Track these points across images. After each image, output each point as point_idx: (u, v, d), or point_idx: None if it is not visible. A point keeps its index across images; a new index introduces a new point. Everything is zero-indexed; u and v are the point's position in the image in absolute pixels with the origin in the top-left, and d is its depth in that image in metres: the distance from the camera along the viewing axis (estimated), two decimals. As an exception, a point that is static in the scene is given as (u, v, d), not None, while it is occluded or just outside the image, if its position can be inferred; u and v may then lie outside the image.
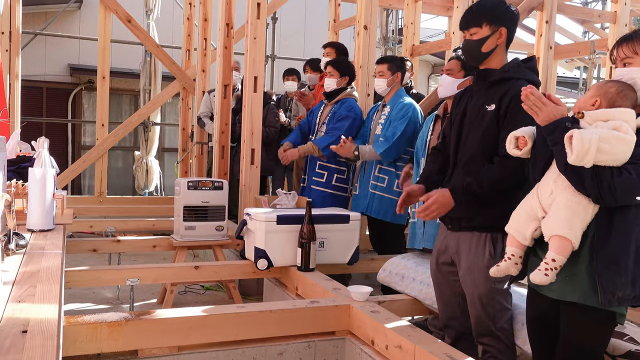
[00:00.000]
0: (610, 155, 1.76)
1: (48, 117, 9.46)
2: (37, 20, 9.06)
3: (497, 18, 2.42)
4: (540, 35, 5.80)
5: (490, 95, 2.43)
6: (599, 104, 1.93)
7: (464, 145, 2.50)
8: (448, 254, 2.61)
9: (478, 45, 2.44)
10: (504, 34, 2.44)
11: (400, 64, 4.03)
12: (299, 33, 10.69)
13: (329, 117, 4.29)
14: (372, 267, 3.85)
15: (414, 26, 6.85)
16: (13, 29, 5.72)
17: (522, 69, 2.46)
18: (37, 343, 1.29)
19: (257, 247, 3.38)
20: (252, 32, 4.37)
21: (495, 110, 2.38)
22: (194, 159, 6.86)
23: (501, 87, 2.41)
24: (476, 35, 2.44)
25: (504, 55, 2.49)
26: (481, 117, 2.43)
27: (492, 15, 2.42)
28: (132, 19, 6.94)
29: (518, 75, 2.42)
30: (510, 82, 2.40)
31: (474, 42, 2.45)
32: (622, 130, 1.80)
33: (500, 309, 2.48)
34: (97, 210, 6.21)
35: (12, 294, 1.66)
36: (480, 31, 2.43)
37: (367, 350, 2.53)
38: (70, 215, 3.23)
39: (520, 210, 2.03)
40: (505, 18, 2.44)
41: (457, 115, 2.59)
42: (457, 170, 2.52)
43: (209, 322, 2.49)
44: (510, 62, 2.48)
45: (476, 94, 2.52)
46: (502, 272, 2.06)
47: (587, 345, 1.94)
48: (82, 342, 2.28)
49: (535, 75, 2.48)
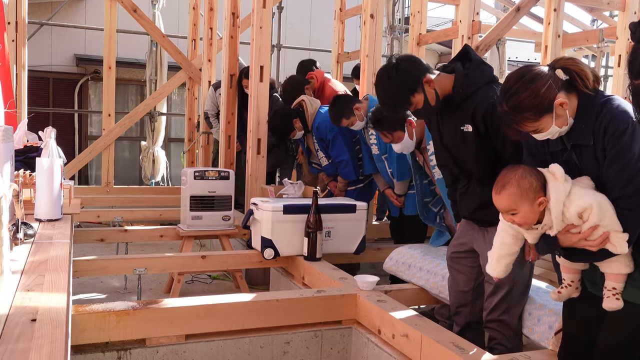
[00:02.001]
0: (618, 223, 1.71)
1: (55, 108, 9.48)
2: (43, 10, 9.06)
3: (413, 87, 2.38)
4: (548, 23, 5.75)
5: (459, 116, 2.39)
6: (544, 205, 1.79)
7: (465, 164, 2.48)
8: (470, 245, 2.61)
9: (430, 109, 2.43)
10: (428, 79, 2.38)
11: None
12: (305, 22, 10.64)
13: (317, 144, 4.36)
14: (379, 256, 3.85)
15: (421, 15, 6.79)
16: (19, 19, 5.71)
17: (470, 75, 2.39)
18: (46, 332, 1.30)
19: (264, 236, 3.38)
20: (258, 21, 4.35)
21: (474, 131, 2.35)
22: (200, 148, 6.87)
23: (466, 105, 2.36)
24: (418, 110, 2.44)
25: (444, 79, 2.42)
26: (463, 140, 2.40)
27: (409, 91, 2.38)
28: (137, 9, 6.92)
29: (472, 86, 2.36)
30: (471, 97, 2.36)
31: (422, 110, 2.45)
32: (589, 207, 1.70)
33: (517, 299, 2.48)
34: (104, 200, 6.23)
35: (21, 283, 1.67)
36: (417, 102, 2.40)
37: (373, 340, 2.54)
38: (77, 205, 3.24)
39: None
40: (417, 79, 2.38)
41: (435, 139, 2.60)
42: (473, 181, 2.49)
43: (216, 311, 2.50)
44: (457, 77, 2.40)
45: (445, 117, 2.49)
46: (564, 297, 1.97)
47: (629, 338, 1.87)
48: (91, 331, 2.30)
49: (483, 68, 2.42)
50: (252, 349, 2.56)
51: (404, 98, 2.39)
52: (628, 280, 1.79)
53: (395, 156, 3.78)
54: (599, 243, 1.71)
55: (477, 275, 2.62)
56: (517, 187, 1.80)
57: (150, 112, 7.54)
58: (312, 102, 4.42)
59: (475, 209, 2.50)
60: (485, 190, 2.40)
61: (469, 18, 5.15)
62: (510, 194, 1.82)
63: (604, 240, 1.71)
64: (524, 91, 1.76)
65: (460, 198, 2.60)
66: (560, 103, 1.76)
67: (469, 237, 2.61)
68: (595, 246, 1.72)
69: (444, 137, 2.51)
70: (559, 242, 1.79)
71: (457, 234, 2.71)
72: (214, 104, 6.01)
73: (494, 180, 2.22)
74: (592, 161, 1.78)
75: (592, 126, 1.76)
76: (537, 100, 1.76)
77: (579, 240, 1.74)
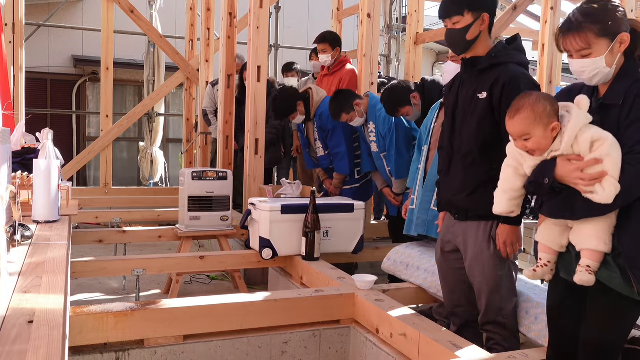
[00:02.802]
0: (618, 170, 1.70)
1: (52, 109, 9.47)
2: (41, 11, 9.05)
3: (478, 4, 2.39)
4: (545, 22, 5.75)
5: (481, 83, 2.41)
6: (557, 131, 1.79)
7: (460, 135, 2.48)
8: (454, 242, 2.60)
9: (462, 33, 2.40)
10: (487, 19, 2.40)
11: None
12: (302, 22, 10.64)
13: (317, 133, 4.36)
14: (377, 256, 3.85)
15: (418, 14, 6.78)
16: (16, 21, 5.71)
17: (509, 51, 2.43)
18: (43, 333, 1.30)
19: (262, 236, 3.39)
20: (255, 22, 4.35)
21: (488, 98, 2.36)
22: (198, 149, 6.86)
23: (491, 73, 2.38)
24: (459, 24, 2.40)
25: (488, 41, 2.46)
26: (474, 106, 2.41)
27: (474, 2, 2.39)
28: (135, 10, 6.92)
29: (506, 59, 2.39)
30: (499, 68, 2.37)
31: (458, 30, 2.41)
32: (603, 139, 1.71)
33: (506, 297, 2.48)
34: (103, 202, 6.23)
35: (18, 284, 1.67)
36: (463, 19, 2.39)
37: (371, 339, 2.54)
38: (75, 206, 3.24)
39: (550, 222, 1.95)
40: (486, 3, 2.41)
41: (449, 105, 2.58)
42: (455, 161, 2.51)
43: (215, 312, 2.51)
44: (495, 46, 2.45)
45: (466, 82, 2.50)
46: (539, 277, 1.99)
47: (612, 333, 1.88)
48: (89, 332, 2.30)
49: (523, 55, 2.46)
50: (250, 349, 2.56)
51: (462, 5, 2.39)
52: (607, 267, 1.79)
53: (394, 155, 3.78)
54: (591, 178, 1.69)
55: (465, 276, 2.59)
56: (532, 111, 1.80)
57: (148, 113, 7.55)
58: (318, 91, 4.45)
59: (455, 192, 2.50)
60: (468, 172, 2.42)
61: (466, 17, 5.15)
62: (524, 117, 1.81)
63: (597, 179, 1.69)
64: (602, 7, 1.80)
65: (442, 180, 2.61)
66: (624, 38, 1.79)
67: (452, 235, 2.60)
68: (586, 181, 1.70)
69: (458, 103, 2.50)
70: (554, 169, 1.77)
71: (442, 231, 2.71)
72: (212, 101, 6.02)
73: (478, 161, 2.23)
74: (614, 125, 1.78)
75: (626, 89, 1.78)
76: (610, 18, 1.78)
77: (575, 169, 1.73)
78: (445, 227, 2.67)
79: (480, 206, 2.42)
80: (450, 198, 2.55)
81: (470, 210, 2.47)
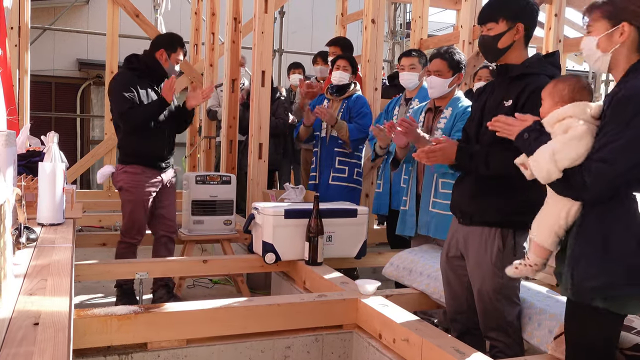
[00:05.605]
0: (570, 160, 1.75)
1: (57, 112, 9.50)
2: (46, 15, 9.10)
3: (514, 14, 2.40)
4: (549, 28, 5.76)
5: (510, 91, 2.41)
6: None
7: (481, 141, 2.48)
8: (457, 248, 2.60)
9: (493, 41, 2.42)
10: (521, 30, 2.41)
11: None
12: (307, 27, 10.67)
13: (341, 112, 4.28)
14: (380, 261, 3.85)
15: (422, 20, 6.81)
16: (22, 24, 5.74)
17: (544, 63, 2.43)
18: (49, 335, 1.30)
19: (265, 241, 3.39)
20: (259, 27, 4.36)
21: (512, 106, 2.36)
22: (201, 153, 6.87)
23: (521, 82, 2.38)
24: (492, 31, 2.42)
25: (523, 51, 2.46)
26: (498, 112, 2.38)
27: (509, 11, 2.40)
28: (140, 14, 6.94)
29: (539, 70, 2.39)
30: (530, 77, 2.37)
31: (490, 37, 2.43)
32: (572, 127, 1.79)
33: (508, 304, 2.47)
34: (106, 205, 6.23)
35: (24, 287, 1.67)
36: (497, 27, 2.40)
37: (374, 344, 2.54)
38: (79, 209, 3.25)
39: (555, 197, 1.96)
40: (523, 14, 2.41)
41: (476, 110, 2.57)
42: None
43: (218, 316, 2.51)
44: (531, 57, 2.46)
45: (497, 88, 2.50)
46: (521, 275, 2.07)
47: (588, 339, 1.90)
48: (93, 335, 2.31)
49: (557, 70, 2.45)
50: (253, 354, 2.56)
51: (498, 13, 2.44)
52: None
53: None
54: (512, 123, 2.02)
55: (469, 283, 2.58)
56: (554, 85, 1.99)
57: (152, 117, 7.54)
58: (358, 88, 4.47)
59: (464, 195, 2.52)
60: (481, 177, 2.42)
61: (470, 23, 5.18)
62: (547, 86, 2.01)
63: (518, 127, 1.98)
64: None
65: (458, 182, 2.62)
66: (624, 29, 1.79)
67: (455, 239, 2.61)
68: (510, 126, 2.02)
69: (486, 107, 2.50)
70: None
71: (448, 236, 2.70)
72: (216, 100, 6.07)
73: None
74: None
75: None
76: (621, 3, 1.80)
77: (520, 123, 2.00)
78: (450, 232, 2.68)
79: (487, 212, 2.42)
80: (459, 201, 2.56)
81: (475, 215, 2.48)
